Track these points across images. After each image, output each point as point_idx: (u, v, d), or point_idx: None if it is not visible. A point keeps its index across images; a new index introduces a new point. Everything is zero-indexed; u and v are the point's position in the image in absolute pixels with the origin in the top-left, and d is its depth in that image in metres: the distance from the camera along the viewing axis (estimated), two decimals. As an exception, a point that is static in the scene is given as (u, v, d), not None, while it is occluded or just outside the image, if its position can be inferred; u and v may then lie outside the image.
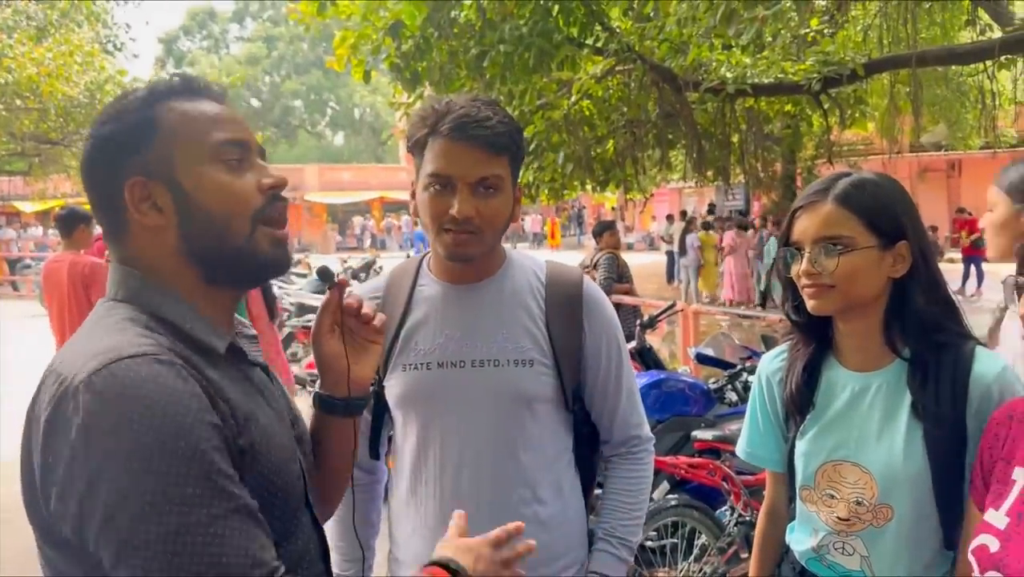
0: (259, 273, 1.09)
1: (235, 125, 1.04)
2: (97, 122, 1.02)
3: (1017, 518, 1.14)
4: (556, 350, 1.53)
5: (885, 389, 1.46)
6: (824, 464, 1.49)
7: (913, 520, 1.41)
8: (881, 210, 1.42)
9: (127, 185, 0.96)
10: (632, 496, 1.62)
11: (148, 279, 1.00)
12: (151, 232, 0.98)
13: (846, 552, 1.47)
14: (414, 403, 1.54)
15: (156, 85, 1.03)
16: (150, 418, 0.78)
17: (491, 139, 1.42)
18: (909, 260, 1.42)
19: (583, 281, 1.60)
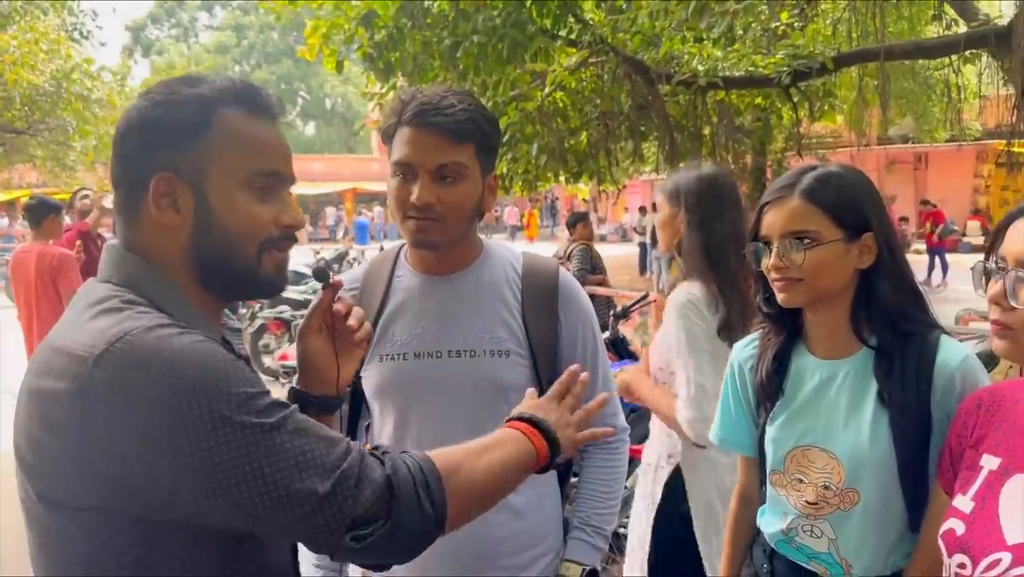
0: (255, 292, 1.12)
1: (276, 154, 1.05)
2: (150, 98, 1.00)
3: (981, 502, 1.16)
4: (532, 341, 1.53)
5: (852, 377, 1.48)
6: (793, 449, 1.52)
7: (879, 504, 1.43)
8: (846, 204, 1.44)
9: (155, 176, 0.96)
10: (607, 485, 1.63)
11: (147, 266, 1.00)
12: (162, 227, 0.99)
13: (814, 535, 1.50)
14: (391, 393, 1.55)
15: (223, 89, 1.02)
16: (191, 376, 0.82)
17: (452, 126, 1.42)
18: (875, 252, 1.45)
19: (559, 272, 1.60)
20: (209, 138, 0.98)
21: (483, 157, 1.49)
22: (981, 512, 1.16)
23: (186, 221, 0.99)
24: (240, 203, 1.00)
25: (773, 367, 1.56)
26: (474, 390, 1.51)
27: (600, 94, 9.02)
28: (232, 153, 1.00)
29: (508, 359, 1.51)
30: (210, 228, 0.99)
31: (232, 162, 1.00)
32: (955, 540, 1.17)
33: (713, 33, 7.76)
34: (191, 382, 0.82)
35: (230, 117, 1.00)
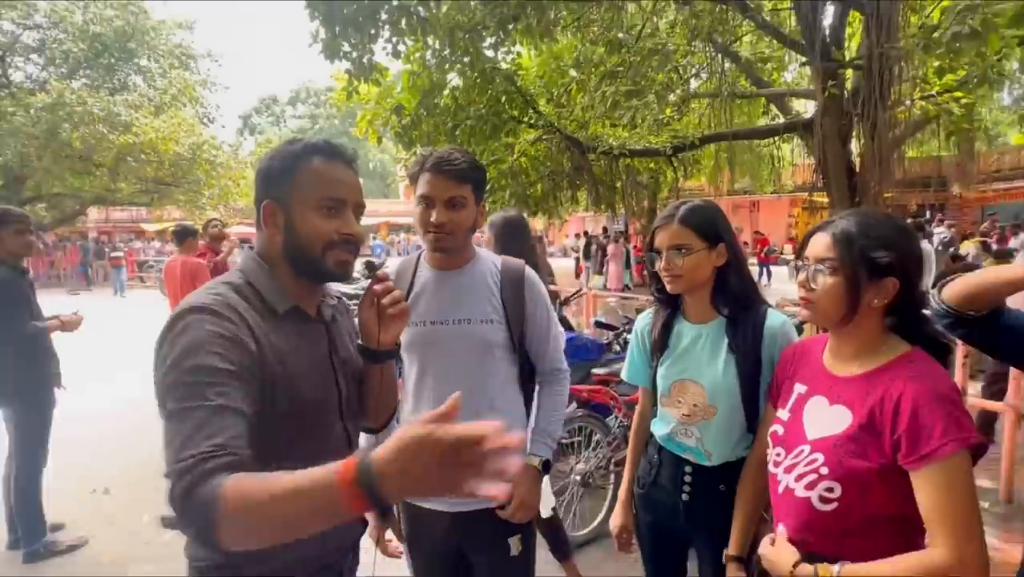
0: (322, 278, 1.10)
1: (341, 186, 1.05)
2: (271, 153, 1.07)
3: (792, 413, 1.19)
4: (507, 313, 1.53)
5: (712, 335, 1.50)
6: (675, 381, 1.53)
7: (729, 415, 1.46)
8: (707, 225, 1.46)
9: (264, 203, 1.04)
10: (555, 406, 1.62)
11: (259, 260, 1.07)
12: (270, 235, 1.06)
13: (687, 435, 1.51)
14: (416, 347, 1.54)
15: (307, 145, 1.05)
16: (192, 340, 0.88)
17: (457, 173, 1.43)
18: (726, 256, 1.48)
19: (524, 269, 1.60)
20: (295, 177, 1.03)
21: (476, 192, 1.49)
22: (793, 420, 1.18)
23: (280, 230, 1.04)
24: (310, 219, 1.03)
25: (661, 330, 1.58)
26: (469, 344, 1.50)
27: (549, 159, 9.03)
28: (307, 186, 1.03)
29: (492, 325, 1.51)
30: (292, 235, 1.04)
31: (306, 192, 1.03)
32: (777, 437, 1.19)
33: (622, 121, 7.82)
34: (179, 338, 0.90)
35: (313, 162, 1.03)
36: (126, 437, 4.79)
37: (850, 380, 1.11)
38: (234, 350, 0.90)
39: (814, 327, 4.14)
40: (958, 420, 0.95)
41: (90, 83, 19.01)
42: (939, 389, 0.98)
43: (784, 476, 1.13)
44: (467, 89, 7.74)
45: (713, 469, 1.48)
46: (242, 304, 0.97)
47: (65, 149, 16.20)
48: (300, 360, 1.02)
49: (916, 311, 1.10)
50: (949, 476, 0.94)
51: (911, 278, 1.06)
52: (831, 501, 1.04)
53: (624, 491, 1.70)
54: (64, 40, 18.44)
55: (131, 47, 19.40)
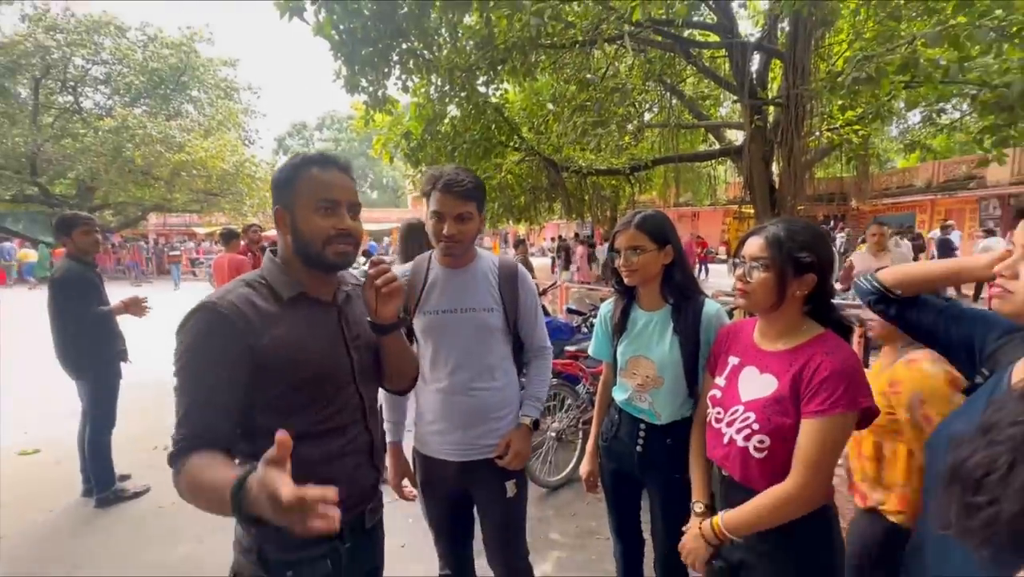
0: (328, 268, 1.05)
1: (334, 188, 1.01)
2: (279, 168, 1.05)
3: (728, 380, 1.19)
4: (504, 302, 1.52)
5: (661, 319, 1.50)
6: (631, 357, 1.54)
7: (673, 384, 1.46)
8: (657, 230, 1.46)
9: (276, 209, 1.03)
10: (541, 376, 1.62)
11: (274, 259, 1.06)
12: (283, 235, 1.04)
13: (642, 400, 1.52)
14: (430, 333, 1.50)
15: (305, 158, 1.03)
16: (193, 340, 0.92)
17: (464, 192, 1.40)
18: (672, 255, 1.48)
19: (517, 266, 1.59)
20: (296, 184, 1.01)
21: (479, 207, 1.47)
22: (728, 386, 1.18)
23: (289, 231, 1.03)
24: (309, 219, 1.01)
25: (620, 316, 1.58)
26: (474, 328, 1.49)
27: (531, 177, 9.01)
28: (306, 191, 1.01)
29: (492, 313, 1.50)
30: (296, 234, 1.02)
31: (305, 196, 1.01)
32: (715, 400, 1.20)
33: (589, 146, 7.80)
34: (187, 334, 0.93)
35: (311, 170, 1.01)
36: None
37: (776, 354, 1.12)
38: (228, 347, 0.92)
39: (743, 312, 4.19)
40: (856, 389, 0.98)
41: (149, 110, 18.56)
42: (847, 363, 1.00)
43: (727, 429, 1.14)
44: (463, 118, 7.69)
45: (663, 427, 1.49)
46: (252, 295, 0.98)
47: (128, 165, 15.80)
48: (303, 339, 1.00)
49: (828, 300, 1.12)
50: (826, 430, 0.97)
51: (825, 274, 1.09)
52: (763, 450, 1.06)
53: (591, 444, 1.71)
54: (127, 74, 17.98)
55: (184, 80, 18.97)
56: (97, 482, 2.99)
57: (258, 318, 0.95)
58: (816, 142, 7.31)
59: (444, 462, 1.51)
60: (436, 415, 1.51)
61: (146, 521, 2.84)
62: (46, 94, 16.96)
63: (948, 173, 16.37)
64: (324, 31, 5.80)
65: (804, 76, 6.28)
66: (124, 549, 2.58)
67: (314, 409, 0.99)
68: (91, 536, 2.71)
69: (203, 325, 0.92)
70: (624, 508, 1.69)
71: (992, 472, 0.69)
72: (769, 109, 7.26)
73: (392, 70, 6.66)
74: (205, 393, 0.90)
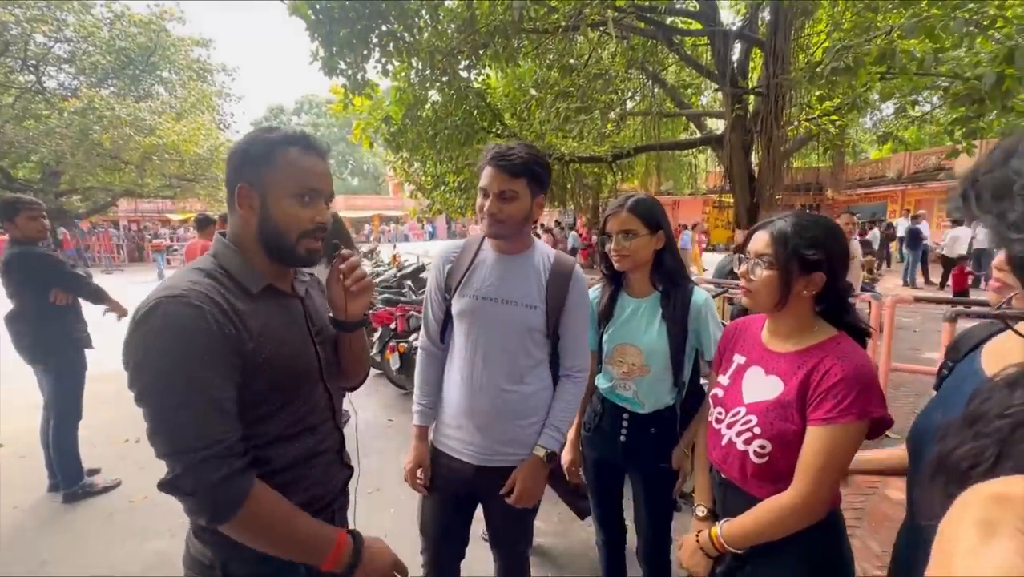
0: (294, 264, 0.96)
1: (316, 177, 0.92)
2: (248, 137, 0.91)
3: (732, 380, 1.14)
4: (548, 301, 1.35)
5: (649, 306, 1.47)
6: (617, 345, 1.50)
7: (659, 373, 1.44)
8: (650, 214, 1.42)
9: (239, 183, 0.90)
10: (568, 404, 1.41)
11: (230, 244, 0.92)
12: (244, 217, 0.91)
13: (626, 389, 1.49)
14: (466, 315, 1.37)
15: (286, 135, 0.91)
16: (167, 337, 0.77)
17: (511, 168, 1.25)
18: (663, 241, 1.44)
19: (574, 267, 1.40)
20: (274, 165, 0.89)
21: (532, 186, 1.29)
22: (732, 385, 1.13)
23: (255, 213, 0.90)
24: (286, 206, 0.90)
25: (607, 303, 1.54)
26: (510, 324, 1.34)
27: (513, 164, 8.92)
28: (285, 175, 0.90)
29: (534, 310, 1.34)
30: (267, 220, 0.90)
31: (284, 180, 0.90)
32: (717, 399, 1.15)
33: (572, 133, 7.74)
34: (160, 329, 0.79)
35: (290, 152, 0.90)
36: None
37: (784, 355, 1.06)
38: (212, 344, 0.79)
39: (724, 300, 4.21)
40: (867, 397, 0.92)
41: (117, 91, 17.72)
42: (860, 369, 0.94)
43: (727, 431, 1.09)
44: (445, 104, 7.55)
45: (646, 416, 1.47)
46: (217, 288, 0.84)
47: (96, 148, 15.10)
48: (280, 335, 0.91)
49: (841, 300, 1.05)
50: (833, 439, 0.91)
51: (836, 272, 1.02)
52: (763, 455, 1.02)
53: (573, 433, 1.68)
54: (92, 52, 17.11)
55: (154, 61, 18.16)
56: (64, 477, 2.87)
57: (233, 313, 0.83)
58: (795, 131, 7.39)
59: (463, 463, 1.38)
60: (456, 409, 1.39)
61: (117, 517, 2.74)
62: (5, 72, 16.06)
63: (919, 164, 16.80)
64: (300, 10, 5.59)
65: (784, 65, 6.31)
66: (93, 546, 2.49)
67: (289, 410, 0.92)
68: (58, 533, 2.60)
69: (173, 314, 0.77)
70: (606, 497, 1.67)
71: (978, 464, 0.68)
72: (749, 98, 7.28)
73: (371, 52, 6.47)
74: (205, 389, 0.77)
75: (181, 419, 0.76)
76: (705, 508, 1.19)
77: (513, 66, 6.97)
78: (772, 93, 6.36)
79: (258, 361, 0.85)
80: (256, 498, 0.79)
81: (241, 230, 0.92)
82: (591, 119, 7.13)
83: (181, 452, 0.76)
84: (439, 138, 7.48)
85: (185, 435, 0.76)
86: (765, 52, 6.51)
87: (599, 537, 1.73)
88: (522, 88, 8.78)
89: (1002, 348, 0.83)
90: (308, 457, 0.95)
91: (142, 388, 0.77)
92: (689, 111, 9.32)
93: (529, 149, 1.29)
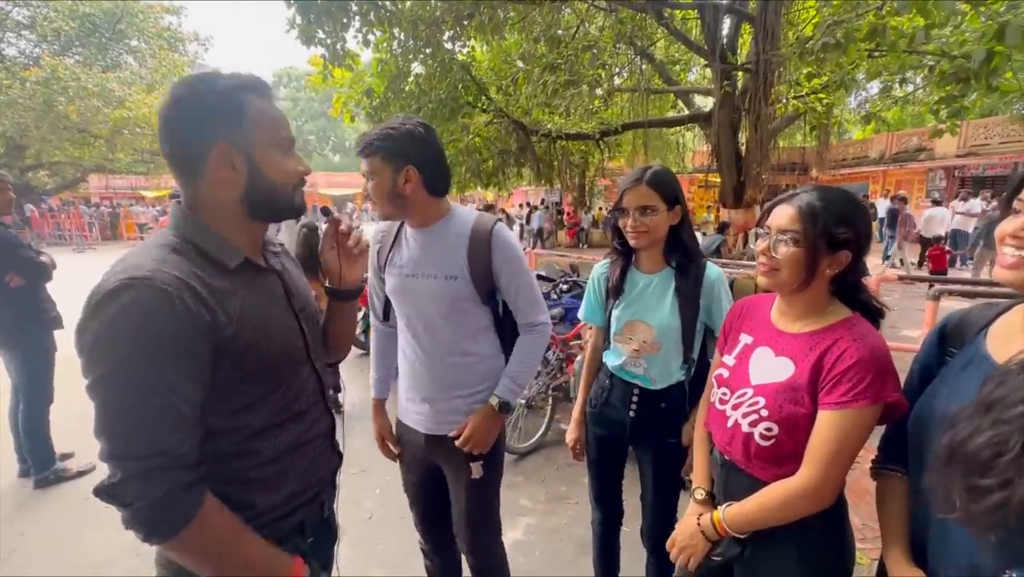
0: (291, 213, 0.88)
1: (285, 124, 0.85)
2: (189, 91, 0.77)
3: (738, 360, 1.10)
4: (472, 269, 1.31)
5: (661, 282, 1.43)
6: (628, 321, 1.46)
7: (670, 350, 1.41)
8: (668, 188, 1.36)
9: (216, 146, 0.77)
10: (529, 356, 1.39)
11: (191, 215, 0.81)
12: (220, 182, 0.79)
13: (637, 366, 1.46)
14: (396, 293, 1.37)
15: (241, 78, 0.80)
16: (127, 327, 0.67)
17: (365, 149, 1.24)
18: (680, 216, 1.39)
19: (493, 227, 1.34)
20: (249, 116, 0.79)
21: (391, 160, 1.24)
22: (738, 366, 1.09)
23: (242, 176, 0.80)
24: (276, 160, 0.83)
25: (618, 278, 1.48)
26: (435, 298, 1.32)
27: (499, 140, 8.74)
28: (267, 127, 0.82)
29: (454, 281, 1.31)
30: (259, 178, 0.81)
31: (268, 133, 0.82)
32: (722, 380, 1.11)
33: (559, 109, 7.62)
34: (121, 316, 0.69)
35: (254, 100, 0.80)
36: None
37: (795, 336, 1.01)
38: (181, 332, 0.70)
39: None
40: (883, 381, 0.88)
41: (83, 60, 16.89)
42: (876, 351, 0.90)
43: (732, 412, 1.06)
44: (429, 76, 7.33)
45: (657, 392, 1.44)
46: (185, 267, 0.74)
47: (62, 121, 14.42)
48: (262, 315, 0.82)
49: (857, 280, 1.00)
50: (846, 424, 0.88)
51: (862, 252, 0.97)
52: (769, 438, 0.98)
53: (577, 411, 1.64)
54: (55, 19, 16.23)
55: (121, 28, 17.31)
56: (34, 462, 2.77)
57: (208, 295, 0.74)
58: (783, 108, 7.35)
59: (415, 431, 1.43)
60: (405, 380, 1.43)
61: (92, 501, 2.63)
62: (-40, 39, 15.23)
63: (900, 145, 16.97)
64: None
65: (774, 41, 6.22)
66: (66, 532, 2.41)
67: (274, 398, 0.84)
68: (29, 520, 2.52)
69: (140, 307, 0.67)
70: (607, 476, 1.65)
71: (1003, 453, 0.64)
72: (738, 75, 7.20)
73: (351, 21, 6.20)
74: (166, 392, 0.68)
75: (131, 421, 0.68)
76: (704, 490, 1.16)
77: (499, 38, 6.77)
78: (761, 69, 6.29)
79: (237, 348, 0.76)
80: (202, 519, 0.70)
81: (216, 196, 0.81)
82: (579, 93, 7.00)
83: (124, 457, 0.67)
84: (423, 112, 7.27)
85: (133, 440, 0.67)
86: (755, 27, 6.41)
87: (595, 516, 1.71)
88: (508, 61, 8.57)
89: (1009, 331, 0.79)
90: (297, 445, 0.89)
91: (94, 380, 0.68)
92: (677, 88, 9.21)
93: (390, 126, 1.24)
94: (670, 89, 9.21)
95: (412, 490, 1.54)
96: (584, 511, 2.15)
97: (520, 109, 8.08)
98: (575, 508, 2.57)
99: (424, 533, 1.58)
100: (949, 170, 15.68)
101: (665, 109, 10.73)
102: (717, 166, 7.76)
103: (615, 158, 12.49)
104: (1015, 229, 0.73)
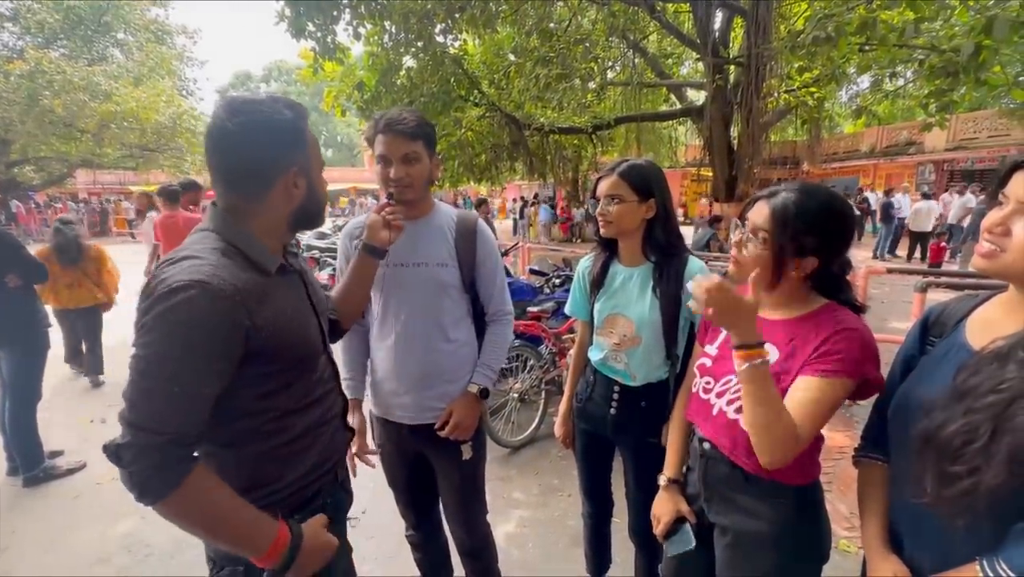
0: (321, 223, 1.02)
1: (319, 146, 0.98)
2: (256, 117, 0.85)
3: (720, 349, 1.11)
4: (459, 258, 1.40)
5: (641, 276, 1.43)
6: (608, 315, 1.46)
7: (651, 344, 1.40)
8: (641, 180, 1.36)
9: (290, 170, 0.89)
10: (498, 344, 1.50)
11: (238, 226, 0.89)
12: (283, 201, 0.91)
13: (618, 361, 1.46)
14: (380, 285, 1.39)
15: (295, 107, 0.90)
16: (184, 322, 0.75)
17: (408, 130, 1.28)
18: (655, 209, 1.38)
19: (477, 220, 1.46)
20: (309, 143, 0.93)
21: (428, 147, 1.32)
22: (721, 354, 1.10)
23: (302, 194, 0.93)
24: (321, 180, 0.97)
25: (599, 271, 1.49)
26: (426, 285, 1.38)
27: (492, 134, 8.67)
28: (315, 151, 0.95)
29: (446, 268, 1.39)
30: (311, 196, 0.95)
31: (317, 156, 0.95)
32: (704, 369, 1.12)
33: (552, 103, 7.58)
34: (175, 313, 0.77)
35: (307, 128, 0.93)
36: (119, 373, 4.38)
37: (778, 322, 1.02)
38: (228, 333, 0.79)
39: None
40: (865, 356, 0.90)
41: (68, 53, 16.55)
42: (861, 331, 0.92)
43: (717, 400, 1.07)
44: (420, 70, 7.26)
45: (637, 389, 1.44)
46: (235, 271, 0.83)
47: (48, 115, 14.08)
48: (288, 318, 0.91)
49: (836, 278, 1.01)
50: (824, 390, 0.89)
51: (831, 258, 0.98)
52: None
53: (564, 406, 1.66)
54: (39, 11, 15.88)
55: (107, 20, 16.96)
56: (23, 460, 2.74)
57: (252, 301, 0.83)
58: (775, 102, 7.36)
59: (398, 425, 1.45)
60: (387, 374, 1.43)
61: (82, 498, 2.64)
62: (-60, 31, 14.89)
63: (891, 139, 17.08)
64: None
65: (765, 34, 6.23)
66: (57, 529, 2.40)
67: (299, 385, 0.95)
68: (19, 516, 2.50)
69: (198, 306, 0.76)
70: (595, 470, 1.66)
71: (972, 441, 0.66)
72: (730, 69, 7.20)
73: (342, 13, 6.13)
74: (193, 385, 0.77)
75: (154, 401, 0.75)
76: (668, 477, 1.23)
77: (491, 31, 6.71)
78: (753, 63, 6.29)
79: (269, 348, 0.86)
80: (188, 485, 0.76)
81: (273, 212, 0.91)
82: (571, 87, 6.97)
83: (137, 428, 0.74)
84: (415, 106, 7.20)
85: (149, 416, 0.75)
86: (747, 21, 6.40)
87: (585, 509, 1.72)
88: (500, 55, 8.51)
89: (987, 319, 0.81)
90: (317, 426, 1.00)
91: (137, 354, 0.76)
92: (670, 81, 9.21)
93: (415, 112, 1.32)
94: (663, 83, 9.20)
95: (400, 485, 1.58)
96: (577, 503, 2.17)
97: (513, 103, 8.04)
98: (568, 500, 2.59)
99: (413, 521, 1.63)
100: (938, 164, 15.81)
101: (658, 103, 10.70)
102: (709, 160, 7.78)
103: (608, 152, 12.43)
104: (993, 221, 0.74)
